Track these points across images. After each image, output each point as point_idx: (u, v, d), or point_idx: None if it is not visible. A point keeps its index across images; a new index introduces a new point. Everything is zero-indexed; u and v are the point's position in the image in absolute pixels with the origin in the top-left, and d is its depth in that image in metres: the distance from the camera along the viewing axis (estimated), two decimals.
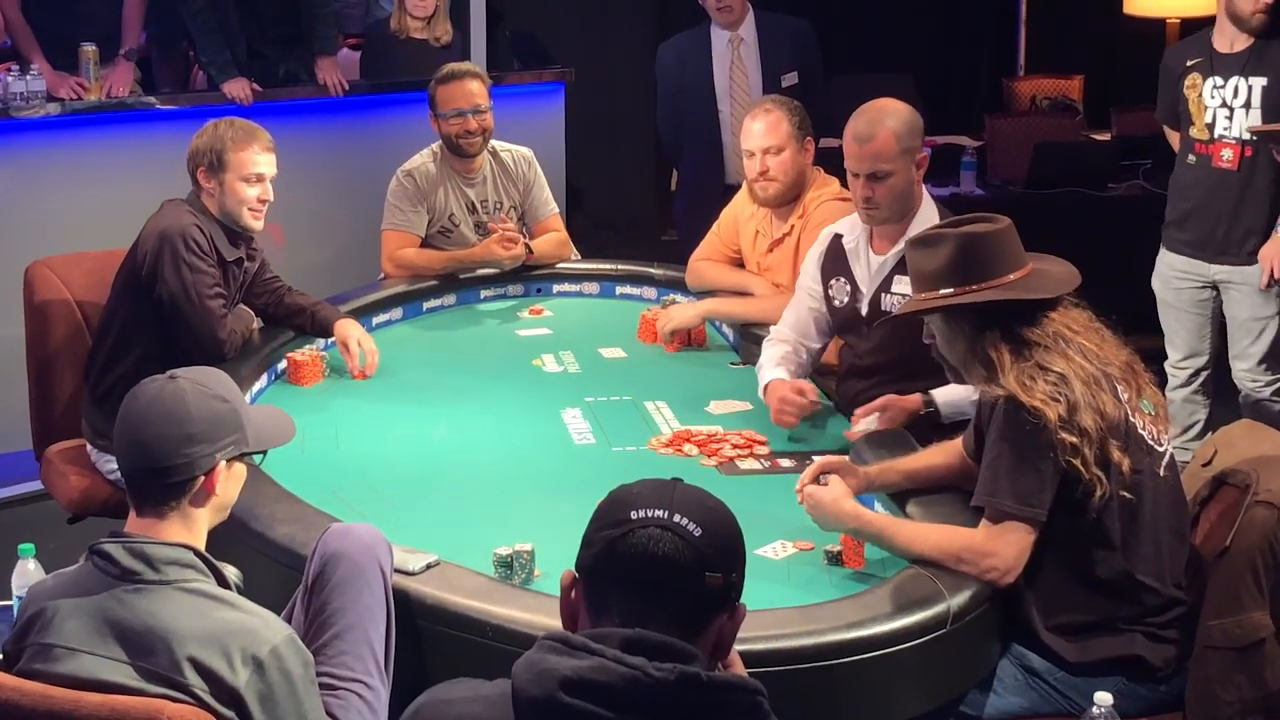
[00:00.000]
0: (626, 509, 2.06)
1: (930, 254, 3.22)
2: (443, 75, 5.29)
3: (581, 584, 2.09)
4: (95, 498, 4.45)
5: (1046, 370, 3.03)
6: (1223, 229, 5.36)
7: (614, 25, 8.86)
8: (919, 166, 3.98)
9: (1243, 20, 5.23)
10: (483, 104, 5.23)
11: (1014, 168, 7.38)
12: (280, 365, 4.46)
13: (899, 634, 2.86)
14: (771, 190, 4.64)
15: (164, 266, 4.26)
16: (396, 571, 2.94)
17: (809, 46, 6.40)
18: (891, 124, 3.93)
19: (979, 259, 3.16)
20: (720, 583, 2.04)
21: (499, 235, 5.17)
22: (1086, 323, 3.16)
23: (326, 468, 3.78)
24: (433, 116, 5.29)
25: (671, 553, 2.01)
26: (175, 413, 2.59)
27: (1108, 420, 3.01)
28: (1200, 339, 5.55)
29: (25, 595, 2.64)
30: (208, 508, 2.66)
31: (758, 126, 4.64)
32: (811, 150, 4.67)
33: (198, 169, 4.36)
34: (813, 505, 3.20)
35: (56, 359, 4.65)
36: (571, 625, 2.11)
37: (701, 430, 4.00)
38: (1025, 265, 3.20)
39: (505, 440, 4.03)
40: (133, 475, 2.62)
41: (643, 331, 4.83)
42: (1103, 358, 3.10)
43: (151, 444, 2.58)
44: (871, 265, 4.07)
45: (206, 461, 2.62)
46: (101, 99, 6.18)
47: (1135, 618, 3.07)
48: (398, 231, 5.26)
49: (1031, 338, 3.09)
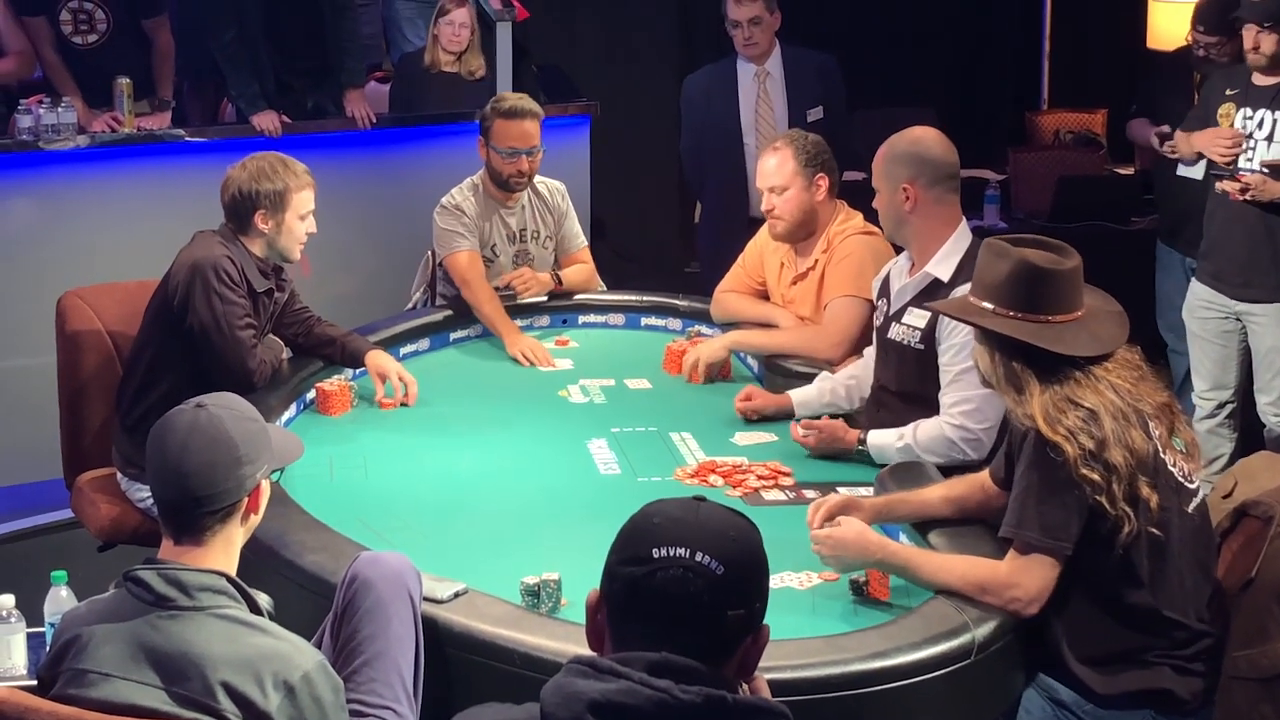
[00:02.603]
0: (648, 545, 2.05)
1: (993, 264, 3.21)
2: (504, 109, 5.21)
3: (605, 610, 2.11)
4: (125, 526, 4.48)
5: (1077, 405, 3.03)
6: (1243, 262, 5.37)
7: (638, 59, 8.90)
8: (909, 198, 3.95)
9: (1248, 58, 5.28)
10: (537, 144, 5.21)
11: (1038, 201, 7.39)
12: (309, 395, 4.50)
13: (924, 664, 2.87)
14: (779, 228, 4.69)
15: (195, 297, 4.30)
16: (425, 600, 2.96)
17: (834, 81, 6.42)
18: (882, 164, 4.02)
19: (1030, 290, 3.15)
20: (743, 617, 2.05)
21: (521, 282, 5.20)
22: (1125, 360, 3.15)
23: (355, 497, 3.81)
24: (483, 144, 5.24)
25: (693, 594, 2.02)
26: (219, 440, 2.62)
27: (1137, 456, 3.00)
28: (1225, 370, 5.56)
29: (59, 622, 2.67)
30: (246, 527, 2.70)
31: (762, 166, 4.71)
32: (824, 186, 4.66)
33: (256, 211, 4.38)
34: (835, 545, 3.19)
35: (87, 388, 4.69)
36: (598, 645, 2.12)
37: (726, 461, 4.02)
38: (1077, 309, 3.17)
39: (532, 470, 4.05)
40: (178, 505, 2.63)
41: (668, 362, 4.84)
42: (1135, 394, 3.09)
43: (200, 472, 2.60)
44: (895, 291, 4.11)
45: (250, 483, 2.66)
46: (133, 131, 6.24)
47: (1163, 651, 3.07)
48: (467, 253, 5.19)
49: (1064, 370, 3.08)
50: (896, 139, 4.04)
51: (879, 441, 3.95)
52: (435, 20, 6.93)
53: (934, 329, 3.90)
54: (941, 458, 3.80)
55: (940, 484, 3.54)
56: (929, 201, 3.96)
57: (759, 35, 6.20)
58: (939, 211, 3.98)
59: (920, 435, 3.85)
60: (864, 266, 4.54)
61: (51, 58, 6.33)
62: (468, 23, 6.89)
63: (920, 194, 3.95)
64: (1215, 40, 5.88)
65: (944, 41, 9.49)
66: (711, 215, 6.61)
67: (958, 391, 3.83)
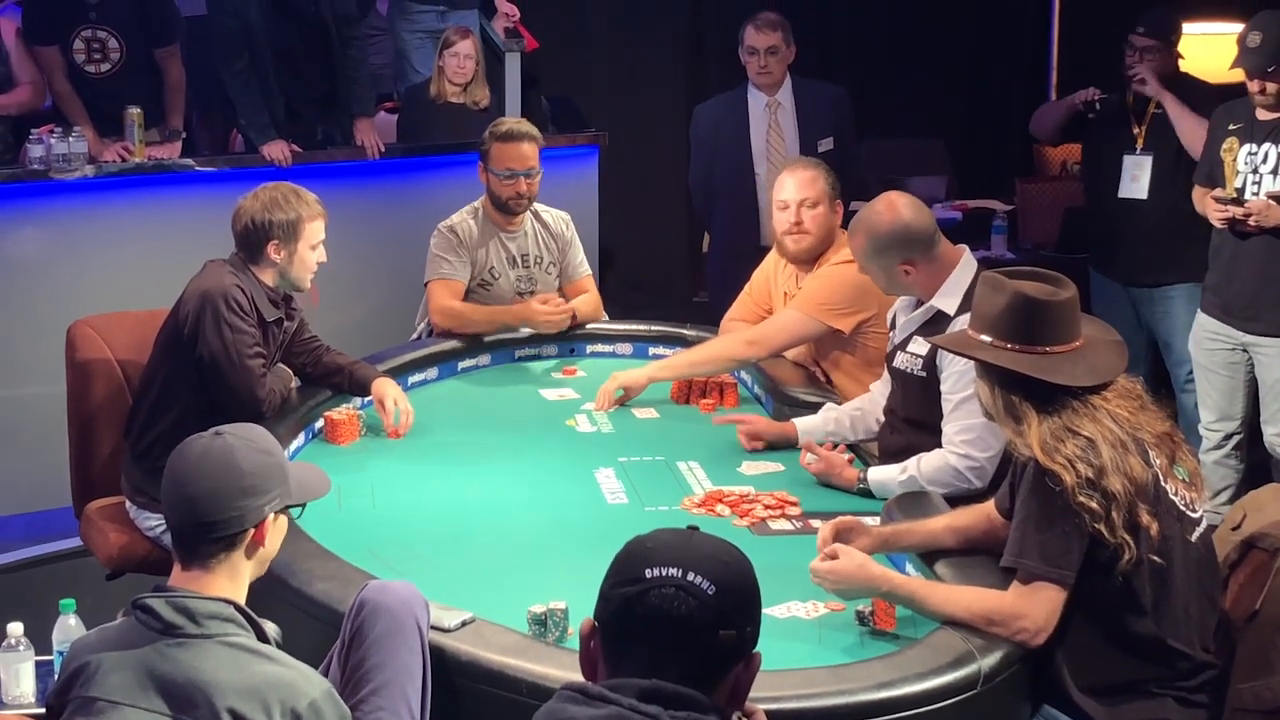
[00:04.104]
0: (641, 566, 2.09)
1: (990, 297, 3.23)
2: (501, 132, 5.29)
3: (599, 636, 2.12)
4: (134, 554, 4.49)
5: (1075, 434, 3.04)
6: (1249, 294, 5.38)
7: (646, 89, 8.94)
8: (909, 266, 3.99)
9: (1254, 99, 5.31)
10: (535, 166, 5.27)
11: (1045, 232, 7.42)
12: (318, 424, 4.51)
13: (930, 694, 2.87)
14: (805, 244, 4.70)
15: (205, 326, 4.32)
16: (433, 628, 2.96)
17: (845, 113, 6.47)
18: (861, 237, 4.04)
19: (1027, 322, 3.16)
20: (734, 639, 2.07)
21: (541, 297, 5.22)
22: (1124, 390, 3.16)
23: (364, 525, 3.82)
24: (483, 169, 5.31)
25: (685, 613, 2.05)
26: (227, 467, 2.64)
27: (1136, 484, 3.01)
28: (1231, 402, 5.56)
29: (68, 650, 2.68)
30: (254, 560, 2.70)
31: (794, 180, 4.71)
32: (841, 213, 4.74)
33: (269, 242, 4.41)
34: (836, 580, 3.18)
35: (97, 417, 4.71)
36: (591, 673, 2.14)
37: (734, 491, 4.03)
38: (1075, 339, 3.19)
39: (539, 500, 4.06)
40: (183, 530, 2.65)
41: (675, 392, 4.86)
42: (1134, 423, 3.10)
43: (204, 498, 2.62)
44: (901, 322, 4.13)
45: (256, 514, 2.66)
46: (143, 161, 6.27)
47: (1166, 681, 3.07)
48: (445, 281, 5.27)
49: (1062, 399, 3.09)
50: (873, 224, 4.01)
51: (880, 478, 3.96)
52: (440, 52, 6.99)
53: (934, 357, 3.94)
54: (946, 488, 3.81)
55: (946, 514, 3.55)
56: (927, 262, 4.00)
57: (774, 65, 6.25)
58: (938, 263, 4.01)
59: (925, 467, 3.86)
60: (835, 291, 4.60)
61: (63, 87, 6.37)
62: (472, 54, 6.95)
63: (919, 262, 3.99)
64: (1152, 44, 5.93)
65: (952, 73, 9.53)
66: (721, 244, 6.65)
67: (959, 420, 3.84)
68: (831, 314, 4.60)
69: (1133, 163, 6.04)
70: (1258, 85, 5.26)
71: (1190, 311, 5.85)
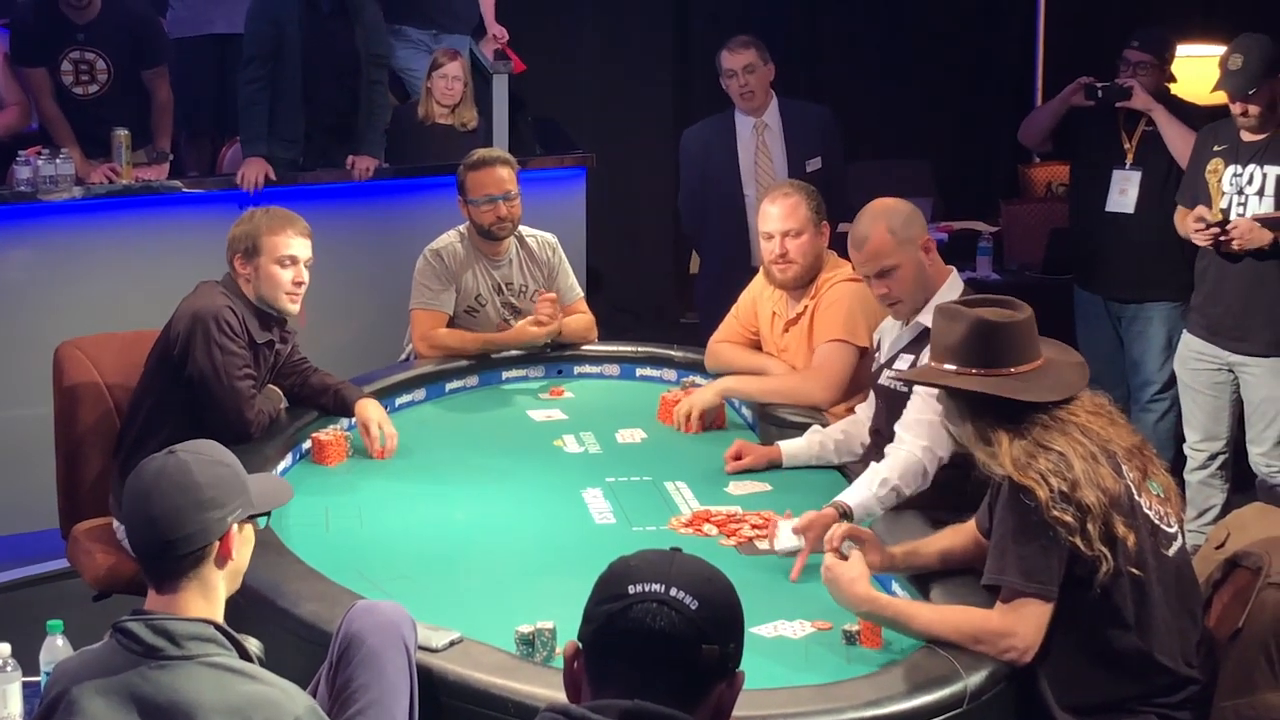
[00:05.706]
0: (624, 583, 2.10)
1: (948, 327, 3.27)
2: (473, 161, 5.33)
3: (582, 657, 2.13)
4: (121, 575, 4.47)
5: (1047, 449, 3.07)
6: (1236, 314, 5.40)
7: (634, 111, 8.97)
8: (926, 250, 4.04)
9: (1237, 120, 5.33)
10: (512, 190, 5.29)
11: (1030, 253, 7.43)
12: (305, 445, 4.51)
13: (915, 713, 2.87)
14: (791, 273, 4.70)
15: (195, 346, 4.32)
16: (420, 649, 2.96)
17: (832, 133, 6.48)
18: (883, 221, 4.01)
19: (988, 346, 3.21)
20: (717, 654, 2.08)
21: (537, 311, 5.23)
22: (1092, 407, 3.19)
23: (351, 546, 3.82)
24: (462, 202, 5.34)
25: (668, 627, 2.06)
26: (183, 483, 2.61)
27: (1109, 495, 3.03)
28: (1216, 422, 5.57)
29: (50, 673, 2.67)
30: (225, 573, 2.67)
31: (776, 209, 4.71)
32: (827, 234, 4.74)
33: (234, 256, 4.45)
34: (830, 580, 3.20)
35: (85, 439, 4.70)
36: (575, 695, 2.14)
37: (721, 510, 4.04)
38: (1036, 359, 3.23)
39: (527, 520, 4.07)
40: (148, 551, 2.63)
41: (663, 413, 4.87)
42: (1104, 436, 3.13)
43: (165, 517, 2.60)
44: (890, 338, 4.15)
45: (220, 526, 2.64)
46: (131, 182, 6.27)
47: (1148, 697, 3.08)
48: (428, 311, 5.29)
49: (1030, 417, 3.12)
50: (886, 209, 4.06)
51: (859, 499, 3.80)
52: (429, 74, 7.01)
53: None
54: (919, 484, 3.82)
55: (945, 532, 3.54)
56: (932, 247, 4.06)
57: (754, 84, 6.25)
58: (934, 267, 4.06)
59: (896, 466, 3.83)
60: (853, 313, 4.58)
61: (50, 109, 6.37)
62: (461, 76, 6.97)
63: (928, 241, 4.05)
64: (1146, 59, 5.96)
65: (938, 95, 9.56)
66: (711, 266, 6.65)
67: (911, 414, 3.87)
68: (855, 333, 4.58)
69: (1121, 177, 6.06)
70: (1240, 108, 5.29)
71: (1165, 333, 5.88)
